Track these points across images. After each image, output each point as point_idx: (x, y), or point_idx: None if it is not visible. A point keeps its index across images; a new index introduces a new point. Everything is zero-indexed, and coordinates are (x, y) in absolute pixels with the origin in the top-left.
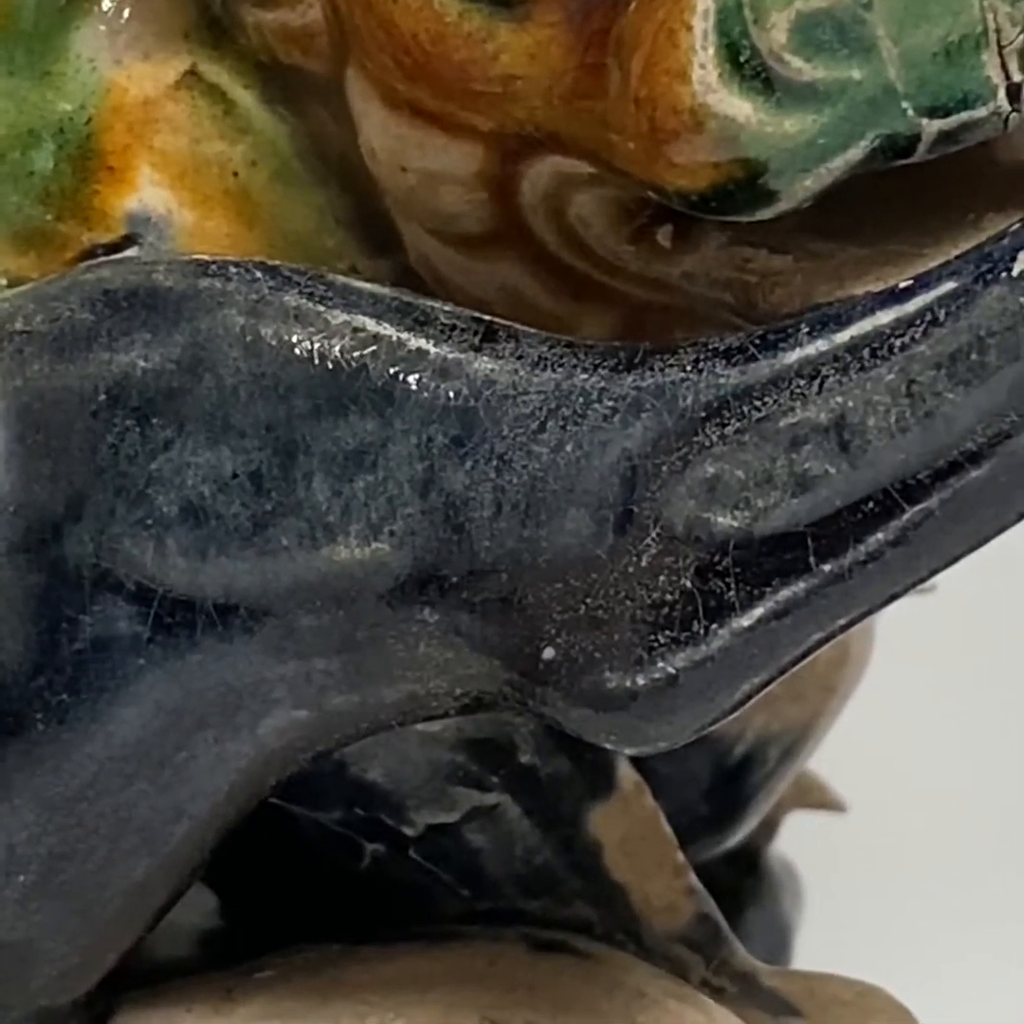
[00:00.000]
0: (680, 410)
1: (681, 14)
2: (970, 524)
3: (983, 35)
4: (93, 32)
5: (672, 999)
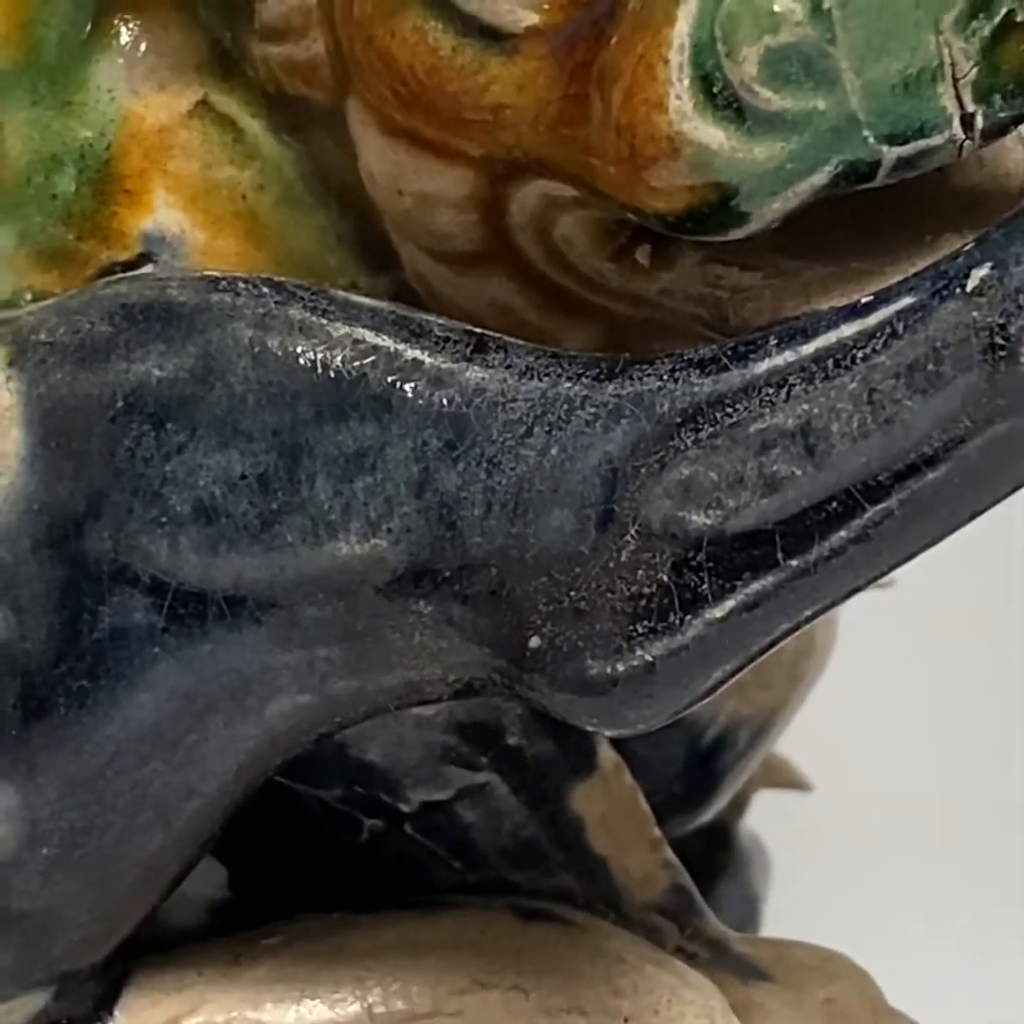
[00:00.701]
0: (657, 416)
1: (658, 48)
2: (927, 523)
3: (939, 68)
4: (112, 65)
5: (649, 964)
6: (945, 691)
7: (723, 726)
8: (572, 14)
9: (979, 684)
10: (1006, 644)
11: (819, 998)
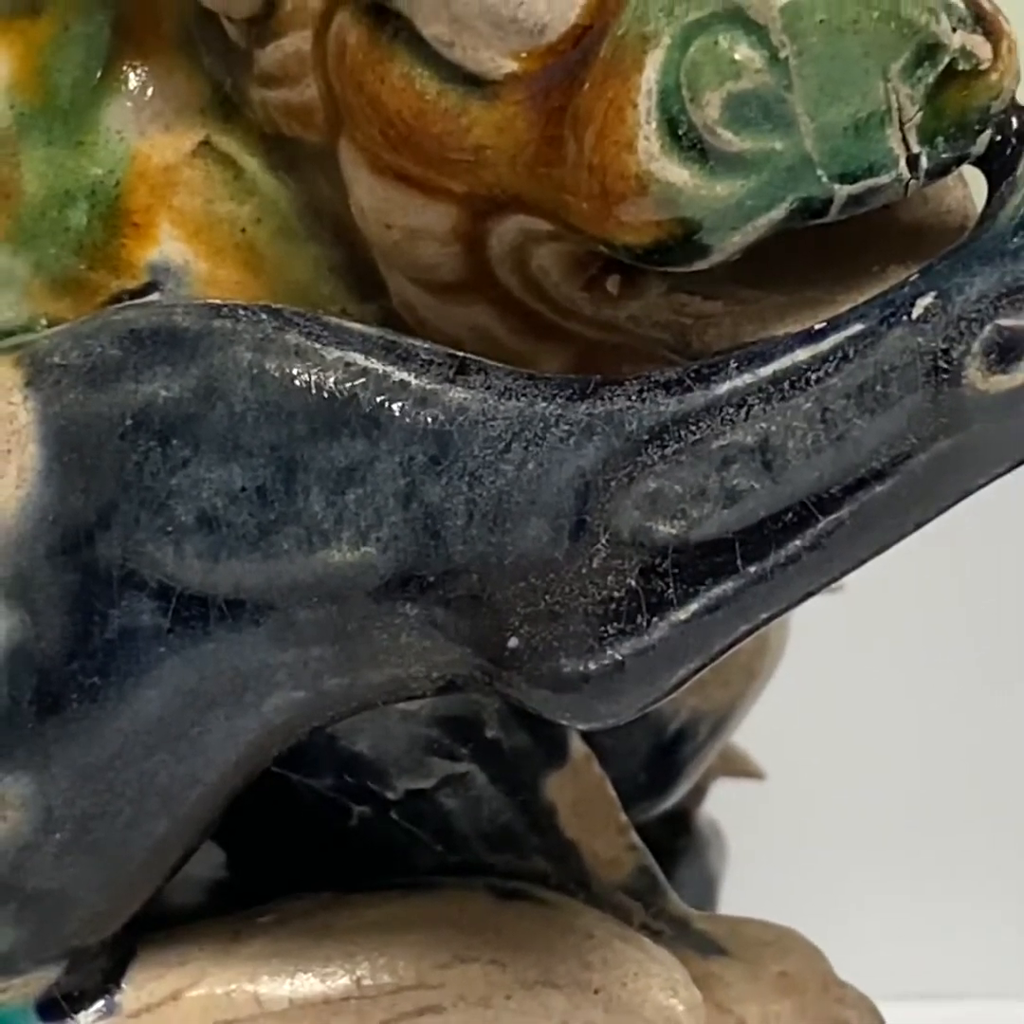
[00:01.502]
0: (626, 433)
1: (628, 93)
2: (875, 532)
3: (887, 113)
4: (121, 108)
5: (617, 940)
6: (887, 689)
7: (684, 720)
8: (548, 62)
9: (922, 681)
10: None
11: (773, 971)
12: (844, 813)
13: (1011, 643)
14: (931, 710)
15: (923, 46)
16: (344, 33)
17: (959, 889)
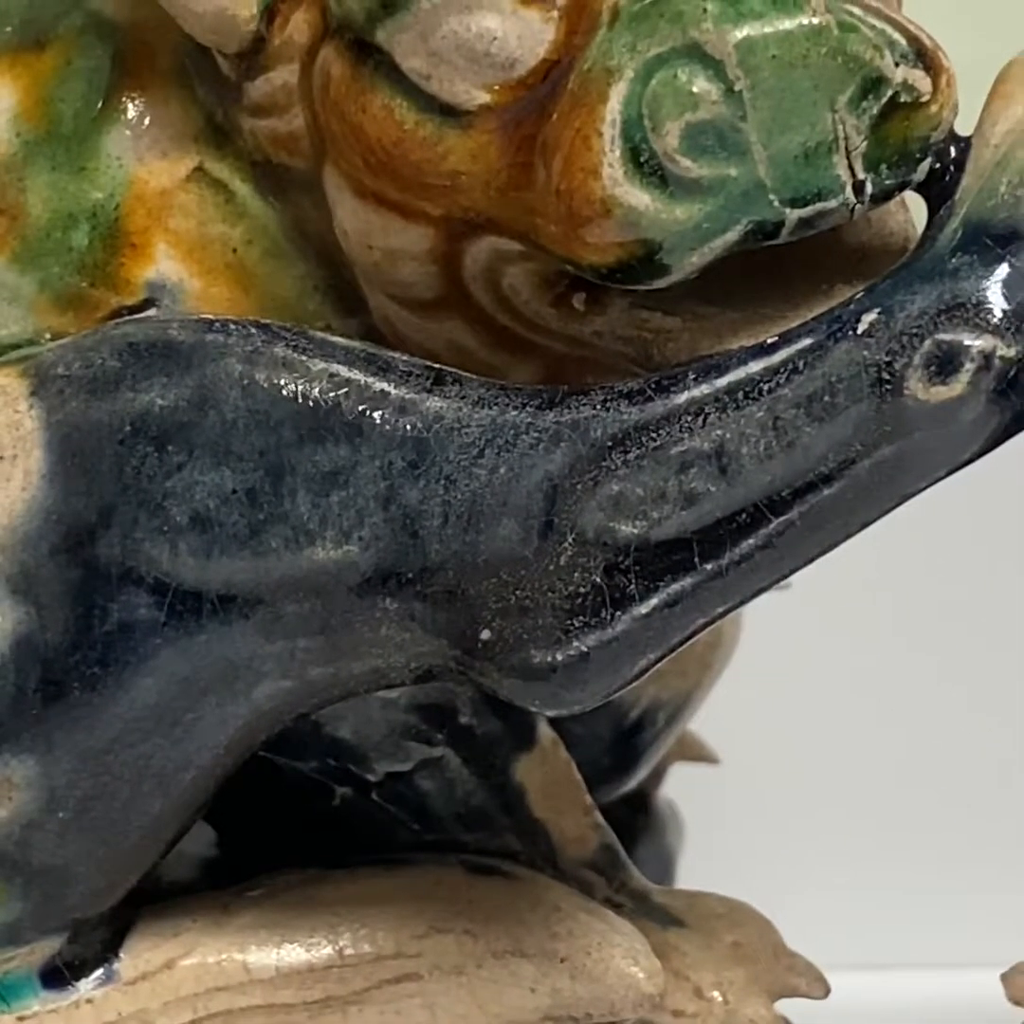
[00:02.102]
0: (591, 440)
1: (593, 123)
2: (823, 533)
3: (834, 142)
4: (120, 136)
5: (582, 912)
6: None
7: (644, 708)
8: (519, 94)
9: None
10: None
11: (727, 941)
12: (792, 794)
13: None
14: (871, 699)
15: (868, 80)
16: (328, 66)
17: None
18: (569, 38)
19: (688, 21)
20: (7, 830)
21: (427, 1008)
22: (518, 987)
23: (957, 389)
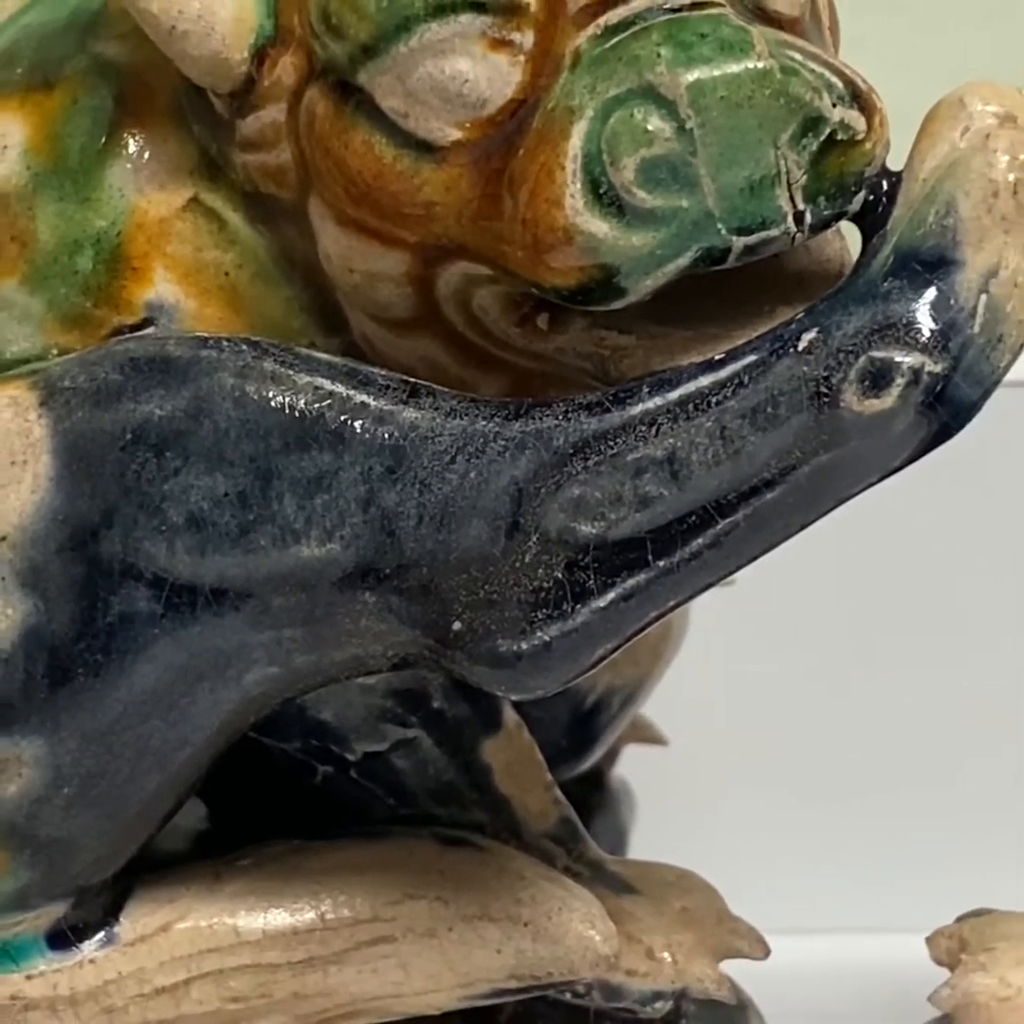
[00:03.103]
0: (554, 448)
1: (557, 158)
2: (766, 533)
3: (777, 176)
4: (122, 169)
5: (543, 880)
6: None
7: (600, 693)
8: (488, 131)
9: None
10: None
11: (676, 907)
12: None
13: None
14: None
15: (808, 119)
16: (314, 105)
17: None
18: (534, 80)
19: (643, 65)
20: (16, 804)
21: (401, 968)
22: (485, 949)
23: (889, 402)
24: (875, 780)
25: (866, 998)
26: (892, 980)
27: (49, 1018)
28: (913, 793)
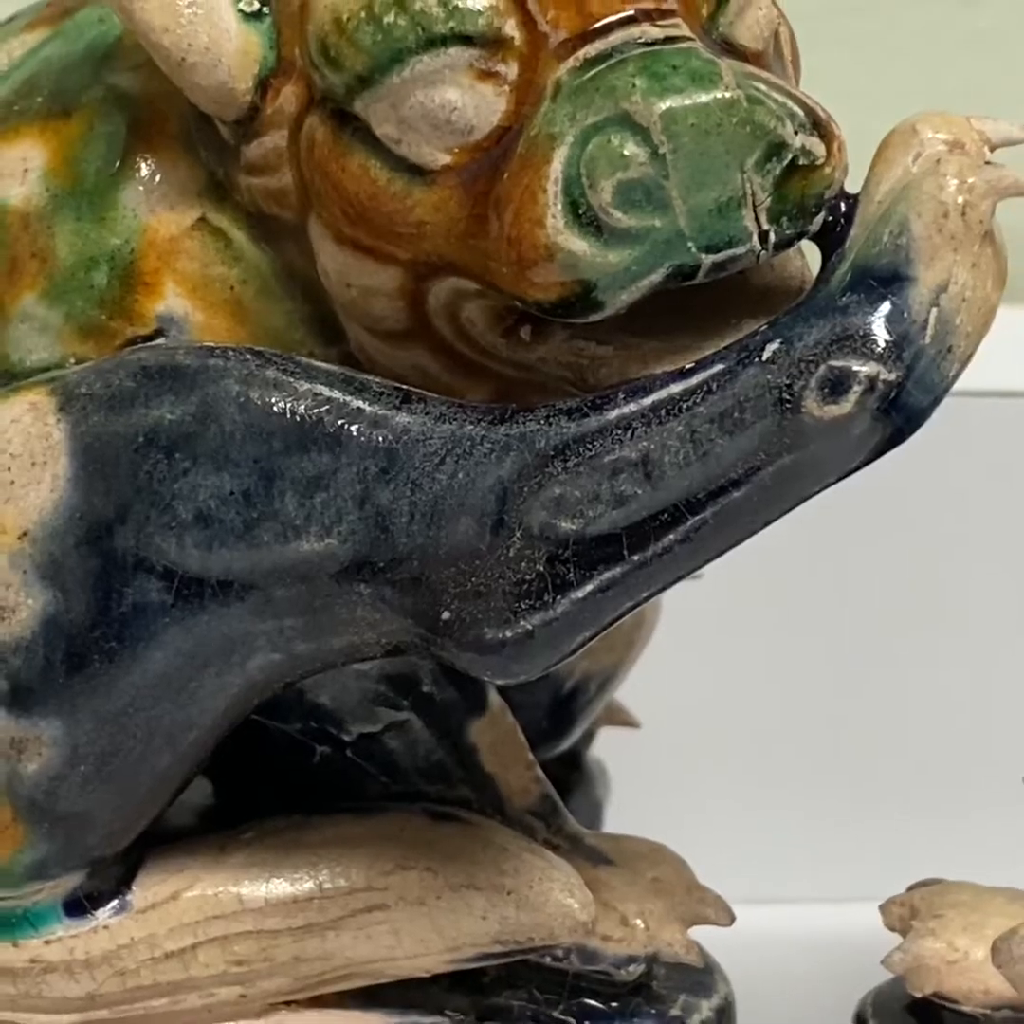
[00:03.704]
0: (536, 450)
1: (539, 181)
2: (733, 529)
3: (743, 198)
4: (134, 191)
5: (525, 852)
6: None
7: (578, 679)
8: (475, 156)
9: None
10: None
11: (648, 877)
12: (701, 754)
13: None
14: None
15: (772, 145)
16: (313, 132)
17: (792, 813)
18: (518, 108)
19: (620, 95)
20: (36, 781)
21: (393, 933)
22: (471, 916)
23: (847, 408)
24: (834, 761)
25: (824, 962)
26: (848, 945)
27: (66, 980)
28: (868, 774)
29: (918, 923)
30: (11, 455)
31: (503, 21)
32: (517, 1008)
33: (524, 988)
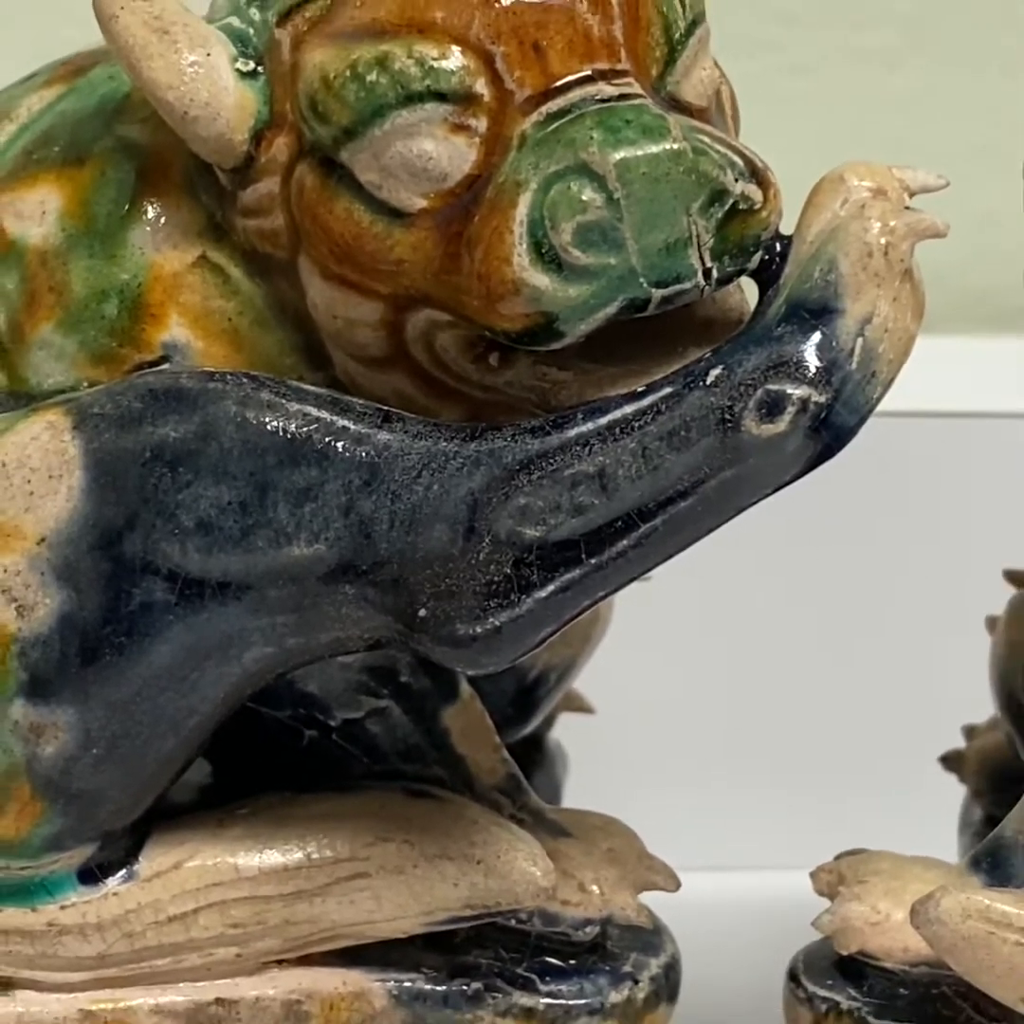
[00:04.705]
0: (504, 464)
1: (507, 223)
2: (680, 536)
3: (689, 238)
4: (142, 231)
5: (493, 825)
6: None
7: (540, 670)
8: (449, 200)
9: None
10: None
11: (603, 848)
12: (651, 736)
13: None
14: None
15: (715, 192)
16: (303, 179)
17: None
18: (488, 158)
19: (578, 146)
20: (53, 762)
21: (374, 899)
22: (444, 883)
23: (782, 427)
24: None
25: (760, 923)
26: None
27: (79, 941)
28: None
29: (845, 888)
30: (31, 469)
31: (474, 80)
32: (485, 965)
33: (491, 948)
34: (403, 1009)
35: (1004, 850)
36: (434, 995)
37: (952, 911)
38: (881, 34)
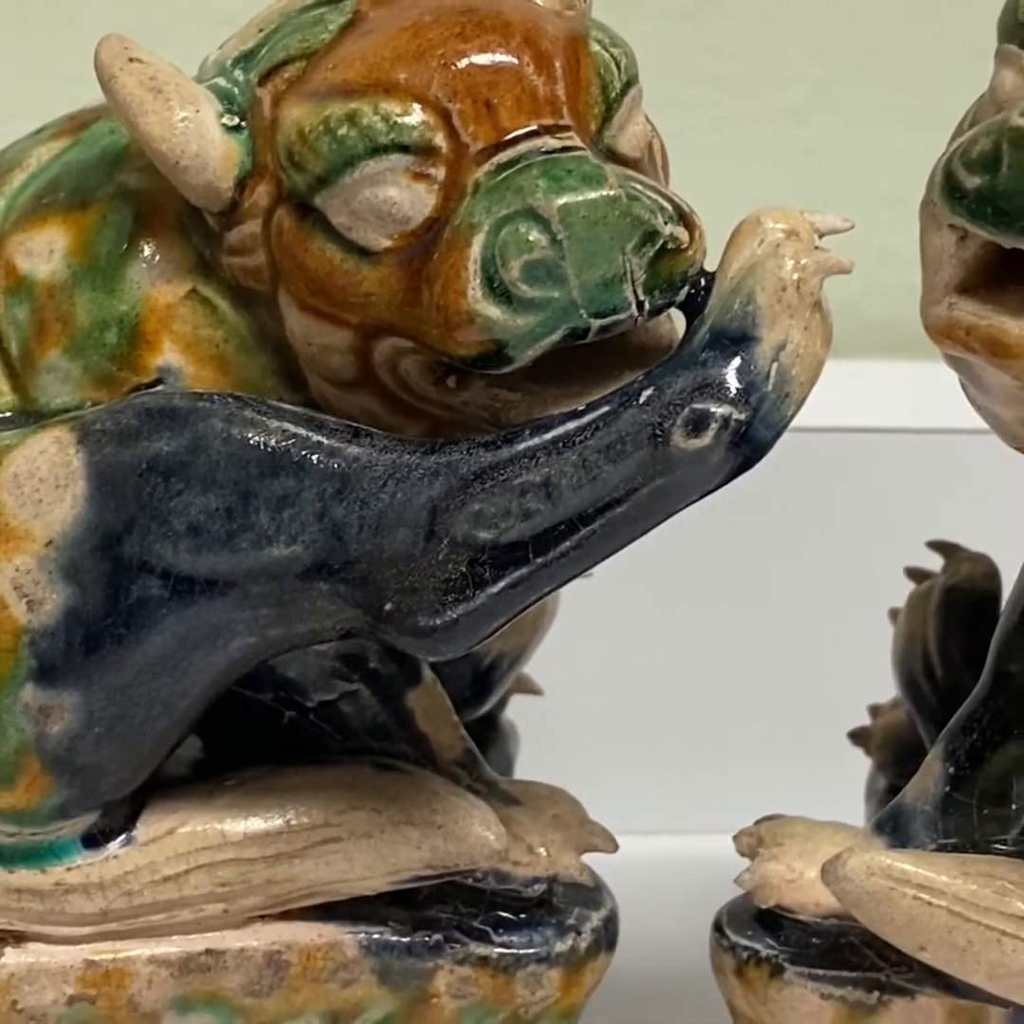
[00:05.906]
0: (460, 475)
1: (462, 261)
2: (616, 538)
3: (624, 274)
4: (139, 268)
5: (452, 795)
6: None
7: (494, 656)
8: (411, 241)
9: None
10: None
11: (549, 814)
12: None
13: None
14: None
15: (647, 233)
16: (282, 221)
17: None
18: (445, 203)
19: (526, 192)
20: (59, 740)
21: (347, 861)
22: (408, 846)
23: (706, 441)
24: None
25: (689, 881)
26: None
27: (84, 899)
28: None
29: (763, 850)
30: (40, 479)
31: (433, 134)
32: (445, 919)
33: (451, 903)
34: (372, 958)
35: (904, 815)
36: (400, 946)
37: (858, 869)
38: (794, 93)
